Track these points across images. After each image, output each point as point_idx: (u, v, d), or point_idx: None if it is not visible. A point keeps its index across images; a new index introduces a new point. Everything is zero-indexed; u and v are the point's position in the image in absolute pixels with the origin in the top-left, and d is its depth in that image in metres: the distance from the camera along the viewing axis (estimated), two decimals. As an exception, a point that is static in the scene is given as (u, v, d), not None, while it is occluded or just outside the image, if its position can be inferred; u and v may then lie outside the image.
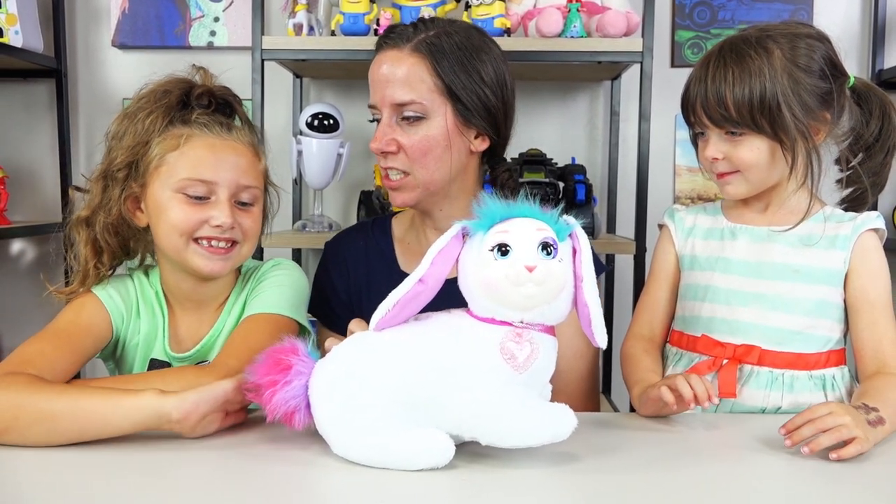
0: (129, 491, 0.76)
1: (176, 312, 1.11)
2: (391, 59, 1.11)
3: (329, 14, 1.87)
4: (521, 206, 0.81)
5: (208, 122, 1.06)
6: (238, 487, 0.78)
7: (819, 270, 1.08)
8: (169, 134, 1.04)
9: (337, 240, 1.28)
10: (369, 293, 0.83)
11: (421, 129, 1.10)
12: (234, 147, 1.06)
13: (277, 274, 1.12)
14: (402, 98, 1.09)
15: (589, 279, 0.81)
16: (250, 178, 1.06)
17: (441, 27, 1.13)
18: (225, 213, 1.02)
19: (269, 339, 0.94)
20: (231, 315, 1.11)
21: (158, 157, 1.03)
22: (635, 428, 0.98)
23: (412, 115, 1.10)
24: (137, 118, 1.05)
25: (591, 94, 2.17)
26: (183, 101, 1.07)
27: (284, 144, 2.07)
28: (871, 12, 2.11)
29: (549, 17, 1.73)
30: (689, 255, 1.17)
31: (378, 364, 0.82)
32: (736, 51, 1.06)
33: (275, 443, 0.89)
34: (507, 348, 0.79)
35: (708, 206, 1.22)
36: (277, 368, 0.85)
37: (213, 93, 1.11)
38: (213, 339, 1.09)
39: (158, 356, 1.09)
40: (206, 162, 1.03)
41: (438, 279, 0.82)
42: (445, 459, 0.79)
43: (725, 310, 1.11)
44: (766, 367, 1.08)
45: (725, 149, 1.08)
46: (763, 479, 0.82)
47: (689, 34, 2.13)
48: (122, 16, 2.14)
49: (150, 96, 1.07)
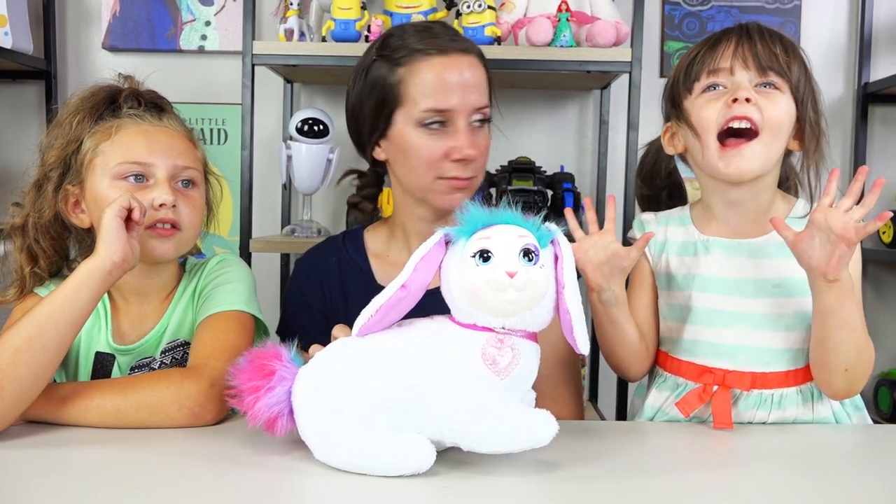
0: (105, 497, 0.76)
1: (118, 305, 1.12)
2: (465, 63, 1.13)
3: (320, 20, 1.88)
4: (504, 212, 0.81)
5: (139, 113, 1.08)
6: (218, 494, 0.77)
7: (798, 282, 1.03)
8: (99, 127, 1.06)
9: (307, 259, 1.27)
10: (346, 308, 0.84)
11: (486, 133, 1.17)
12: (168, 131, 1.08)
13: (227, 271, 1.13)
14: (481, 102, 1.14)
15: (571, 286, 0.81)
16: (188, 160, 1.08)
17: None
18: (166, 191, 1.04)
19: (237, 336, 1.01)
20: (178, 309, 1.12)
21: (92, 149, 1.04)
22: (617, 435, 0.98)
23: (484, 119, 1.15)
24: (66, 123, 1.06)
25: (581, 103, 2.18)
26: (110, 101, 1.09)
27: (274, 149, 2.07)
28: (857, 25, 2.13)
29: (539, 26, 1.74)
30: (665, 274, 1.13)
31: (360, 369, 0.82)
32: (758, 24, 1.05)
33: (255, 448, 0.88)
34: (488, 354, 0.79)
35: (675, 213, 1.16)
36: (260, 374, 0.84)
37: (141, 93, 1.12)
38: (159, 332, 1.10)
39: (102, 349, 1.10)
40: (139, 145, 1.04)
41: (421, 285, 0.82)
42: (426, 465, 0.79)
43: (709, 332, 1.07)
44: (756, 389, 1.04)
45: (756, 99, 0.99)
46: (744, 487, 0.82)
47: (678, 45, 2.15)
48: (112, 18, 2.13)
49: (78, 104, 1.08)
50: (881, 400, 2.08)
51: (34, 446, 0.89)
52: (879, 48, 2.14)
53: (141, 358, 1.10)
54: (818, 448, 0.95)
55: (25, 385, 0.90)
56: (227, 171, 2.15)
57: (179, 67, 2.16)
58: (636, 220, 1.19)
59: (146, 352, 1.10)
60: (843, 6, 2.16)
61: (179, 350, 1.12)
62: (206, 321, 1.07)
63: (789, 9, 2.12)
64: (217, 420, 0.98)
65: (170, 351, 1.11)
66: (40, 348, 0.90)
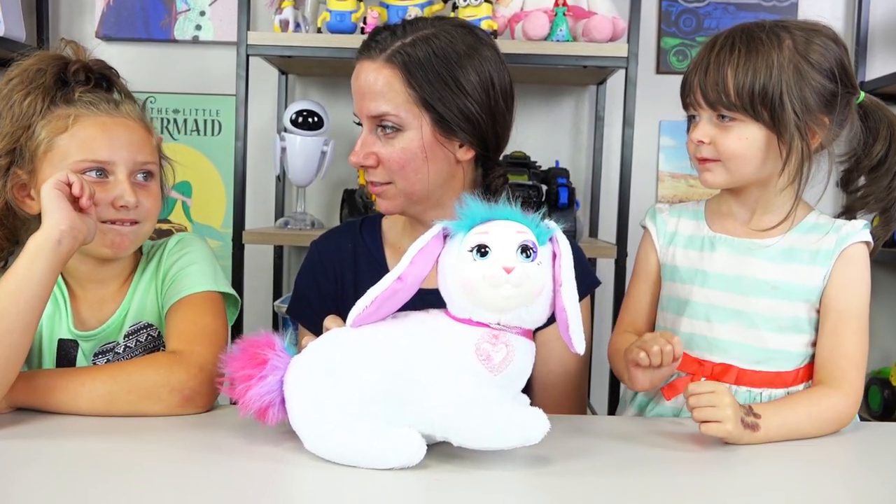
0: (96, 488, 0.75)
1: (76, 293, 1.10)
2: (367, 69, 1.08)
3: (316, 11, 1.87)
4: (503, 208, 0.81)
5: (93, 99, 1.04)
6: (208, 484, 0.77)
7: (798, 287, 1.05)
8: (53, 115, 1.02)
9: (323, 242, 1.25)
10: (357, 297, 0.83)
11: (398, 141, 1.08)
12: (126, 124, 1.05)
13: (188, 251, 1.12)
14: (378, 110, 1.07)
15: (568, 284, 0.81)
16: (146, 154, 1.06)
17: (421, 33, 1.08)
18: (128, 192, 1.02)
19: (213, 318, 1.03)
20: (138, 291, 1.11)
21: (46, 140, 1.01)
22: (609, 432, 0.98)
23: (389, 126, 1.07)
24: (13, 101, 1.02)
25: (577, 98, 2.18)
26: (60, 79, 1.05)
27: (268, 141, 2.06)
28: (853, 24, 2.13)
29: (535, 20, 1.73)
30: (671, 266, 1.15)
31: (354, 361, 0.82)
32: (747, 34, 1.03)
33: (246, 438, 0.88)
34: (482, 349, 0.79)
35: (690, 206, 1.18)
36: (253, 363, 0.84)
37: (90, 67, 1.08)
38: (121, 316, 1.09)
39: (65, 336, 1.09)
40: (99, 141, 1.02)
41: (417, 277, 0.81)
42: (417, 459, 0.79)
43: (704, 326, 1.09)
44: (744, 386, 1.06)
45: (713, 133, 1.04)
46: (736, 483, 0.83)
47: (675, 41, 2.15)
48: (106, 7, 2.12)
49: (21, 76, 1.03)
50: (872, 398, 2.10)
51: (22, 436, 0.88)
52: (876, 47, 2.14)
53: (104, 343, 1.09)
54: (809, 445, 0.95)
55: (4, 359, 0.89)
56: (221, 162, 2.15)
57: (173, 57, 2.14)
58: (650, 210, 1.21)
59: (109, 336, 1.09)
60: (840, 5, 2.16)
61: (143, 332, 1.10)
62: (177, 305, 1.06)
63: (785, 7, 2.12)
64: (208, 405, 0.97)
65: (133, 334, 1.10)
66: (5, 332, 0.89)
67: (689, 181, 2.17)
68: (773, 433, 0.94)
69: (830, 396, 1.00)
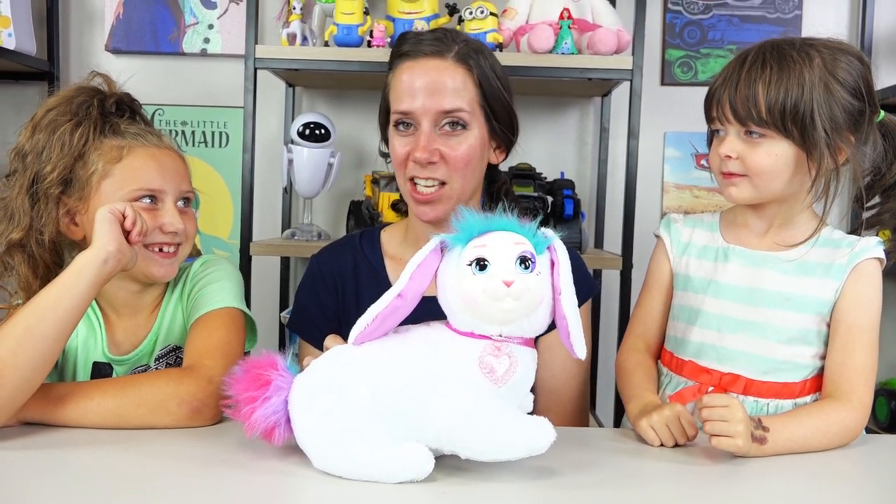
0: (104, 500, 0.76)
1: (111, 318, 1.14)
2: (437, 67, 1.11)
3: (323, 25, 1.88)
4: (500, 219, 0.81)
5: (139, 131, 1.11)
6: (215, 498, 0.78)
7: (810, 300, 1.05)
8: (104, 146, 1.07)
9: (323, 255, 1.26)
10: (358, 310, 0.83)
11: (464, 138, 1.12)
12: (170, 154, 1.12)
13: (212, 271, 1.16)
14: (452, 105, 1.10)
15: (567, 292, 0.81)
16: (187, 183, 1.13)
17: (466, 39, 1.15)
18: (177, 220, 1.08)
19: (227, 333, 1.05)
20: (167, 316, 1.15)
21: (100, 171, 1.06)
22: (615, 443, 0.98)
23: (458, 124, 1.11)
24: (62, 131, 1.06)
25: (581, 110, 2.18)
26: (100, 110, 1.10)
27: (275, 153, 2.08)
28: (857, 35, 2.13)
29: (540, 33, 1.74)
30: (683, 275, 1.15)
31: (357, 377, 0.82)
32: (778, 51, 1.04)
33: (254, 452, 0.88)
34: (485, 362, 0.79)
35: (706, 218, 1.18)
36: (256, 384, 0.84)
37: (123, 100, 1.14)
38: (152, 341, 1.13)
39: (99, 359, 1.12)
40: (152, 171, 1.08)
41: (417, 293, 0.82)
42: (425, 472, 0.79)
43: (715, 336, 1.09)
44: (751, 396, 1.07)
45: (741, 149, 1.04)
46: (743, 497, 0.83)
47: (679, 53, 2.15)
48: (116, 20, 2.14)
49: (63, 107, 1.08)
50: (879, 410, 2.09)
51: (30, 448, 0.89)
52: (880, 58, 2.14)
53: (137, 367, 1.13)
54: (817, 459, 0.95)
55: (26, 375, 0.91)
56: (229, 174, 2.17)
57: (182, 70, 2.16)
58: (665, 219, 1.22)
59: (141, 360, 1.13)
60: (844, 16, 2.16)
61: (172, 355, 1.14)
62: (197, 322, 1.08)
63: (790, 18, 2.12)
64: (216, 418, 0.98)
65: (163, 357, 1.14)
66: (40, 337, 0.92)
67: (693, 192, 2.18)
68: (780, 446, 0.94)
69: (839, 410, 1.00)
